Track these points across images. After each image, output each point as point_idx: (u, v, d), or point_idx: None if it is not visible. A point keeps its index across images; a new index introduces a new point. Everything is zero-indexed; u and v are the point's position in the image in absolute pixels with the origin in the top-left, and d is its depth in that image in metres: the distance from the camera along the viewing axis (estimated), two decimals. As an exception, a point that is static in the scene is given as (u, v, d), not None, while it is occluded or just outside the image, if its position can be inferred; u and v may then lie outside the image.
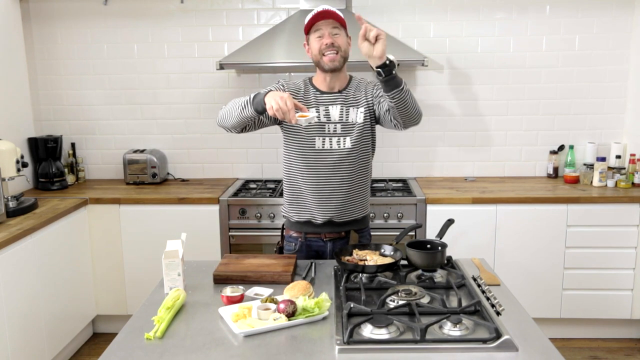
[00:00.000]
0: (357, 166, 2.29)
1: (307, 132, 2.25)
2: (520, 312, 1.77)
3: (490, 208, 3.31)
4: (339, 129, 2.25)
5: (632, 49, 3.67)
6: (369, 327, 1.60)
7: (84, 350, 3.46)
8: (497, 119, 3.81)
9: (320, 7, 2.16)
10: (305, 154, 2.27)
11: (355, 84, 2.31)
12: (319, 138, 2.25)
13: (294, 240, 2.38)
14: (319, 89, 2.28)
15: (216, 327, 1.70)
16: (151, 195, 3.46)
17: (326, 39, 2.16)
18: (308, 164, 2.27)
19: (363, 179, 2.33)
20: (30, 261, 2.85)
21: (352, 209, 2.32)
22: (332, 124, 2.25)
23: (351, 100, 2.27)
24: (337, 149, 2.25)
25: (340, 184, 2.27)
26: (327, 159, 2.26)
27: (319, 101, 2.26)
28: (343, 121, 2.25)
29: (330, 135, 2.25)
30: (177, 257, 1.95)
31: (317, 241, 2.35)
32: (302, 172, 2.29)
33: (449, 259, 2.13)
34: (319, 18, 2.16)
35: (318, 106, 2.25)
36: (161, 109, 3.91)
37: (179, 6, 3.77)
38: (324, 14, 2.14)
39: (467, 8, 3.70)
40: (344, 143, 2.25)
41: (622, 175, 3.49)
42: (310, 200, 2.30)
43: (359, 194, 2.33)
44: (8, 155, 3.05)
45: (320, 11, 2.15)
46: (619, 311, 3.39)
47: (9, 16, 3.53)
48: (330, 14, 2.15)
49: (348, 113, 2.26)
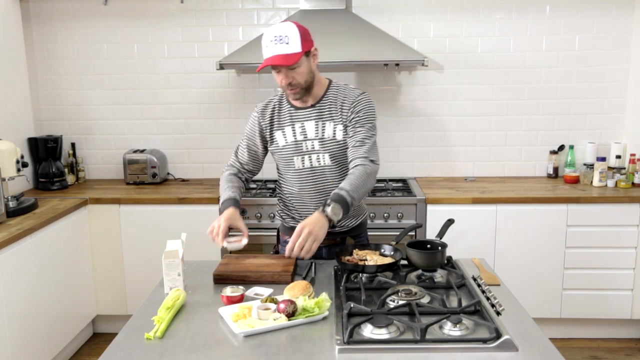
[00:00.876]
0: (340, 179, 2.19)
1: (285, 152, 2.21)
2: (520, 312, 1.77)
3: (490, 208, 3.31)
4: (317, 146, 2.18)
5: (632, 49, 3.67)
6: (369, 327, 1.60)
7: (84, 350, 3.46)
8: (497, 119, 3.81)
9: (271, 52, 2.01)
10: (287, 172, 2.26)
11: (332, 94, 2.19)
12: (297, 157, 2.20)
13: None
14: (292, 104, 2.21)
15: (216, 327, 1.70)
16: (151, 195, 3.46)
17: (283, 79, 2.07)
18: (292, 181, 2.26)
19: None
20: (30, 261, 2.85)
21: (346, 219, 2.27)
22: (308, 141, 2.18)
23: (326, 115, 2.17)
24: (318, 166, 2.20)
25: (324, 197, 2.21)
26: (308, 177, 2.22)
27: (294, 118, 2.20)
28: (319, 137, 2.17)
29: (309, 153, 2.19)
30: (177, 257, 1.95)
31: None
32: (289, 188, 2.28)
33: (449, 259, 2.12)
34: (269, 64, 2.03)
35: (294, 123, 2.19)
36: (161, 109, 3.91)
37: (179, 6, 3.77)
38: (273, 61, 2.01)
39: (467, 8, 3.70)
40: (323, 160, 2.19)
41: (622, 175, 3.49)
42: (300, 213, 2.28)
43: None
44: (8, 155, 3.05)
45: (270, 58, 2.01)
46: (619, 311, 3.39)
47: (9, 16, 3.53)
48: (280, 62, 2.01)
49: (324, 128, 2.17)
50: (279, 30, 2.02)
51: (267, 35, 2.05)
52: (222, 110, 3.89)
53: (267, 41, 2.04)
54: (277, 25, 2.06)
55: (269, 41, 2.03)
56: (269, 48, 2.03)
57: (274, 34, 2.02)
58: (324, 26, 3.45)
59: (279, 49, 2.01)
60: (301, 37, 2.03)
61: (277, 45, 2.01)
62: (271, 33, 2.03)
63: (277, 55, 2.01)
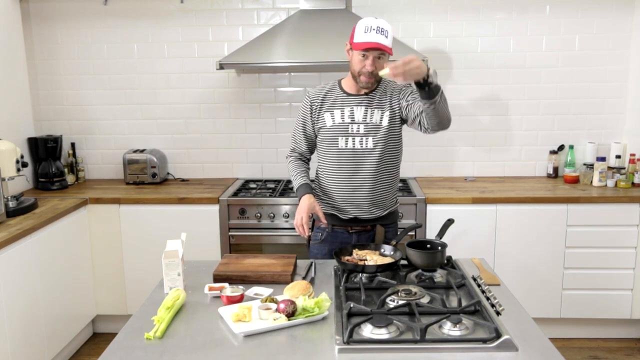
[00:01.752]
0: (380, 165, 2.35)
1: (331, 132, 2.36)
2: (520, 312, 1.77)
3: (490, 208, 3.31)
4: (362, 129, 2.33)
5: (632, 49, 3.67)
6: (369, 327, 1.60)
7: (84, 350, 3.46)
8: (497, 118, 3.81)
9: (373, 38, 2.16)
10: (329, 153, 2.38)
11: (383, 87, 2.37)
12: (342, 138, 2.34)
13: (321, 231, 2.45)
14: (346, 91, 2.37)
15: (216, 327, 1.70)
16: (151, 195, 3.46)
17: (369, 65, 2.22)
18: (332, 162, 2.37)
19: (388, 178, 2.39)
20: (30, 261, 2.85)
21: (376, 207, 2.39)
22: (355, 124, 2.33)
23: (376, 104, 2.34)
24: (360, 149, 2.33)
25: (363, 182, 2.35)
26: (349, 158, 2.35)
27: (344, 102, 2.35)
28: (366, 122, 2.33)
29: (353, 135, 2.33)
30: (177, 257, 1.95)
31: (342, 233, 2.42)
32: (327, 170, 2.40)
33: (449, 259, 2.13)
34: (369, 46, 2.18)
35: (343, 107, 2.35)
36: (161, 109, 3.91)
37: (179, 6, 3.77)
38: (375, 45, 2.17)
39: (467, 8, 3.69)
40: (366, 143, 2.33)
41: (622, 175, 3.49)
42: (335, 197, 2.39)
43: (384, 192, 2.39)
44: (8, 155, 3.05)
45: (373, 42, 2.16)
46: (619, 311, 3.39)
47: (9, 16, 3.53)
48: (380, 47, 2.17)
49: (372, 114, 2.33)
50: (381, 24, 2.19)
51: (368, 23, 2.20)
52: (222, 110, 3.89)
53: (368, 28, 2.18)
54: (375, 18, 2.21)
55: (370, 28, 2.18)
56: (371, 34, 2.17)
57: (377, 25, 2.18)
58: (324, 26, 3.45)
59: (381, 38, 2.17)
60: (392, 37, 2.24)
61: (379, 35, 2.17)
62: (374, 23, 2.19)
63: (380, 42, 2.16)
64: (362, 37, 2.19)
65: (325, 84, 2.46)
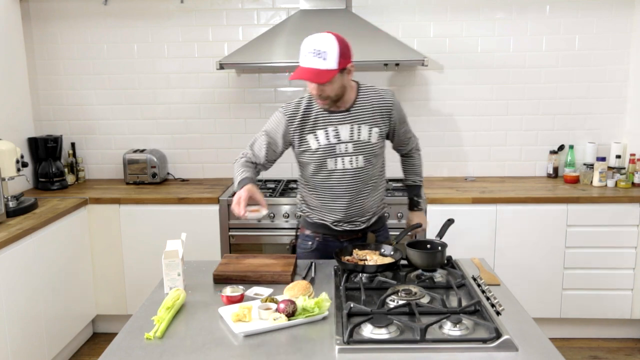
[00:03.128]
0: (371, 179, 2.28)
1: (318, 155, 2.20)
2: (520, 312, 1.77)
3: (490, 208, 3.31)
4: (351, 149, 2.20)
5: (632, 49, 3.67)
6: (369, 327, 1.60)
7: (84, 350, 3.46)
8: (497, 119, 3.81)
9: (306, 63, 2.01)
10: (318, 175, 2.25)
11: (365, 98, 2.21)
12: (331, 159, 2.20)
13: (310, 239, 2.37)
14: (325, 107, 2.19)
15: (216, 327, 1.70)
16: (151, 195, 3.46)
17: (313, 90, 2.08)
18: (322, 183, 2.26)
19: (376, 187, 2.32)
20: (30, 261, 2.85)
21: (366, 216, 2.32)
22: (342, 144, 2.19)
23: (363, 118, 2.20)
24: (350, 168, 2.22)
25: (353, 196, 2.26)
26: (340, 179, 2.23)
27: (326, 121, 2.19)
28: (354, 140, 2.19)
29: (342, 155, 2.20)
30: (177, 257, 1.95)
31: (334, 242, 2.33)
32: (317, 189, 2.29)
33: (449, 259, 2.13)
34: (296, 78, 2.03)
35: (326, 127, 2.18)
36: (161, 109, 3.91)
37: (179, 6, 3.77)
38: (305, 77, 2.01)
39: (467, 8, 3.69)
40: (356, 162, 2.22)
41: (622, 175, 3.49)
42: (323, 210, 2.30)
43: (373, 201, 2.32)
44: (8, 155, 3.05)
45: (304, 71, 2.02)
46: (619, 311, 3.39)
47: (9, 16, 3.53)
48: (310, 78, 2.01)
49: (360, 131, 2.19)
50: (319, 44, 2.01)
51: (307, 44, 2.03)
52: (222, 110, 3.89)
53: (305, 51, 2.03)
54: (319, 36, 2.04)
55: (307, 52, 2.02)
56: (306, 58, 2.02)
57: (313, 47, 2.01)
58: (324, 26, 3.41)
59: (315, 62, 2.00)
60: (339, 54, 2.01)
61: (313, 59, 2.00)
62: (311, 44, 2.02)
63: (311, 69, 2.01)
64: (300, 61, 2.04)
65: (298, 100, 2.23)
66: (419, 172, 2.52)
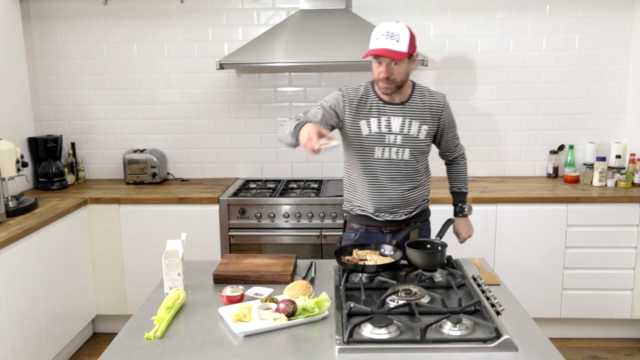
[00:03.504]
0: (415, 173, 2.34)
1: (367, 141, 2.28)
2: (520, 312, 1.77)
3: (490, 208, 3.31)
4: (399, 141, 2.28)
5: (632, 49, 3.67)
6: (369, 327, 1.60)
7: (84, 350, 3.46)
8: (497, 119, 3.81)
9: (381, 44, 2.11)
10: (364, 161, 2.32)
11: (419, 96, 2.31)
12: (379, 148, 2.28)
13: (354, 232, 2.44)
14: (381, 97, 2.28)
15: (216, 327, 1.70)
16: (151, 195, 3.46)
17: (382, 72, 2.17)
18: (366, 170, 2.32)
19: (420, 183, 2.39)
20: (30, 261, 2.85)
21: (410, 209, 2.38)
22: (392, 134, 2.27)
23: (415, 114, 2.29)
24: (396, 159, 2.30)
25: (398, 188, 2.32)
26: (385, 168, 2.31)
27: (381, 110, 2.28)
28: (404, 133, 2.28)
29: (390, 146, 2.28)
30: (177, 257, 1.95)
31: (377, 233, 2.40)
32: (360, 176, 2.35)
33: (449, 259, 2.13)
34: (372, 53, 2.13)
35: (380, 116, 2.27)
36: (161, 109, 3.91)
37: (179, 6, 3.77)
38: (381, 52, 2.11)
39: (467, 8, 3.69)
40: (402, 154, 2.29)
41: (622, 175, 3.49)
42: (368, 202, 2.35)
43: (418, 195, 2.39)
44: (8, 155, 3.05)
45: (379, 49, 2.11)
46: (619, 311, 3.39)
47: (9, 16, 3.53)
48: (387, 54, 2.11)
49: (410, 125, 2.28)
50: (393, 28, 2.13)
51: (379, 29, 2.15)
52: (222, 110, 3.89)
53: (378, 34, 2.14)
54: (390, 23, 2.16)
55: (380, 34, 2.13)
56: (379, 40, 2.13)
57: (387, 30, 2.13)
58: (324, 26, 3.45)
59: (389, 43, 2.11)
60: (410, 40, 2.14)
61: (387, 40, 2.12)
62: (384, 28, 2.14)
63: (387, 48, 2.11)
64: (372, 43, 2.16)
65: (359, 86, 2.33)
66: (465, 179, 2.61)
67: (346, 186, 2.45)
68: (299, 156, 3.86)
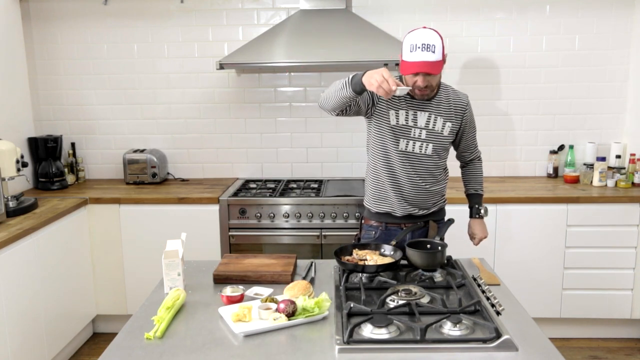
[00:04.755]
0: (436, 168, 2.40)
1: (393, 132, 2.33)
2: (520, 312, 1.77)
3: (490, 208, 3.30)
4: (424, 135, 2.34)
5: (632, 49, 3.67)
6: (369, 327, 1.60)
7: (84, 350, 3.46)
8: (497, 119, 3.81)
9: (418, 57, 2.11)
10: (388, 152, 2.37)
11: (445, 94, 2.38)
12: (403, 140, 2.33)
13: (373, 229, 2.49)
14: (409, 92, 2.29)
15: (216, 327, 1.70)
16: (151, 195, 3.46)
17: (420, 82, 2.19)
18: (390, 162, 2.37)
19: (439, 180, 2.43)
20: (30, 261, 2.85)
21: (431, 204, 2.43)
22: (417, 128, 2.33)
23: (440, 111, 2.35)
24: (419, 153, 2.36)
25: (420, 183, 2.38)
26: (408, 161, 2.36)
27: (409, 104, 2.32)
28: (429, 128, 2.34)
29: (415, 140, 2.34)
30: (177, 257, 1.95)
31: (396, 230, 2.43)
32: (384, 169, 2.39)
33: (449, 259, 2.13)
34: (414, 71, 2.14)
35: (408, 109, 2.32)
36: (161, 109, 3.91)
37: (179, 6, 3.77)
38: (423, 68, 2.12)
39: (467, 8, 3.69)
40: (426, 149, 2.35)
41: (622, 175, 3.49)
42: (391, 196, 2.40)
43: (438, 191, 2.44)
44: (8, 155, 3.05)
45: (420, 64, 2.11)
46: (619, 311, 3.39)
47: (9, 16, 3.53)
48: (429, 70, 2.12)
49: (435, 121, 2.34)
50: (427, 38, 2.13)
51: (414, 39, 2.14)
52: (222, 110, 3.89)
53: (413, 46, 2.13)
54: (422, 31, 2.15)
55: (415, 46, 2.13)
56: (416, 53, 2.13)
57: (423, 41, 2.12)
58: (324, 26, 3.45)
59: (427, 56, 2.12)
60: (443, 46, 2.16)
61: (424, 53, 2.12)
62: (419, 39, 2.13)
63: (426, 62, 2.12)
64: (408, 56, 2.15)
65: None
66: (481, 181, 2.66)
67: (369, 183, 2.48)
68: (299, 156, 3.86)
